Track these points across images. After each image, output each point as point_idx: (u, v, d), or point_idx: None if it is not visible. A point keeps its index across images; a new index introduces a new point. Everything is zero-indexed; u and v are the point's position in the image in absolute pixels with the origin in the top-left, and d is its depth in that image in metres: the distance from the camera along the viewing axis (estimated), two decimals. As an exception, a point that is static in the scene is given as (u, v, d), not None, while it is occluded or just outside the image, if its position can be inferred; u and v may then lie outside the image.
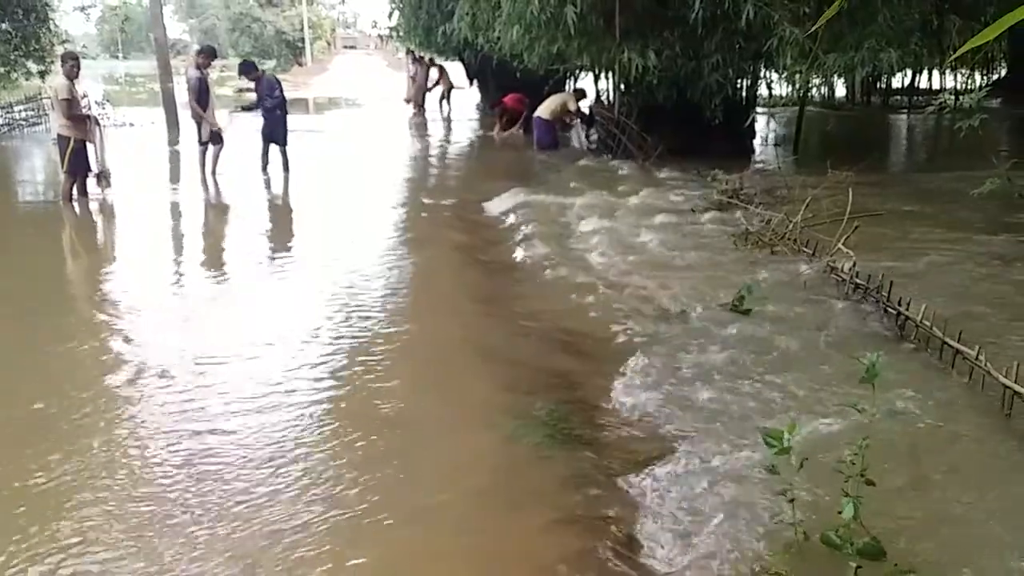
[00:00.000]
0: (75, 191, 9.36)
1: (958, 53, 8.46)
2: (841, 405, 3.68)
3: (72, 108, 9.04)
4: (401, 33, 20.64)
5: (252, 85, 11.48)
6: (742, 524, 2.86)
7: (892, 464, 3.13)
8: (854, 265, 5.60)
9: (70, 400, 4.00)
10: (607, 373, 4.30)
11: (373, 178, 11.92)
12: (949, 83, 21.10)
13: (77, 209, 9.18)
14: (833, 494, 2.68)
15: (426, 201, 9.86)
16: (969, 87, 20.29)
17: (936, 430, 3.57)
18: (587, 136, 14.91)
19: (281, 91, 11.35)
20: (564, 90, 16.79)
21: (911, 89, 22.16)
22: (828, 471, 2.77)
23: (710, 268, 6.33)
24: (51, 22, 19.35)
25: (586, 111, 15.11)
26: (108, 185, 9.62)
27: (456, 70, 23.18)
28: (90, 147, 9.40)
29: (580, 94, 15.39)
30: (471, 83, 23.25)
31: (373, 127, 20.22)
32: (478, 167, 13.79)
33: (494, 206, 9.12)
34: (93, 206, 9.31)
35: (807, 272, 6.00)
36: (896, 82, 22.51)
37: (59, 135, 9.22)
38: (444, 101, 22.77)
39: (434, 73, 22.13)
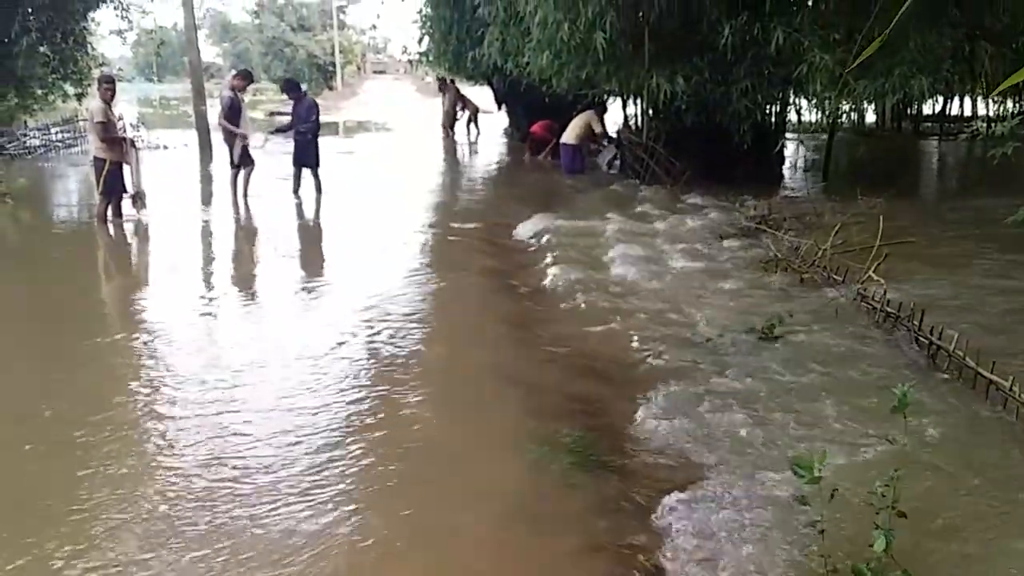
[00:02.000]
0: (110, 212, 9.51)
1: (998, 89, 8.40)
2: (872, 435, 3.65)
3: (108, 130, 9.19)
4: (431, 58, 20.79)
5: (285, 108, 11.55)
6: (770, 555, 2.83)
7: (924, 496, 3.09)
8: (885, 293, 5.55)
9: (98, 417, 4.05)
10: (634, 400, 4.29)
11: (403, 201, 11.98)
12: (981, 110, 20.92)
13: (111, 230, 9.34)
14: (864, 526, 2.64)
15: (454, 225, 9.90)
16: (1002, 114, 20.10)
17: (969, 461, 3.52)
18: (611, 160, 14.69)
19: (317, 116, 11.42)
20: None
21: (942, 116, 21.99)
22: (859, 502, 2.73)
23: (738, 295, 6.30)
24: (88, 45, 19.66)
25: (613, 134, 15.04)
26: (143, 206, 9.76)
27: (485, 95, 23.32)
28: (125, 169, 9.55)
29: (602, 110, 14.97)
30: (499, 108, 23.34)
31: (402, 151, 20.38)
32: (506, 192, 13.82)
33: (522, 231, 9.14)
34: (128, 227, 9.46)
35: (837, 300, 5.96)
36: (927, 108, 22.35)
37: (95, 157, 9.36)
38: (472, 125, 22.90)
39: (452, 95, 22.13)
